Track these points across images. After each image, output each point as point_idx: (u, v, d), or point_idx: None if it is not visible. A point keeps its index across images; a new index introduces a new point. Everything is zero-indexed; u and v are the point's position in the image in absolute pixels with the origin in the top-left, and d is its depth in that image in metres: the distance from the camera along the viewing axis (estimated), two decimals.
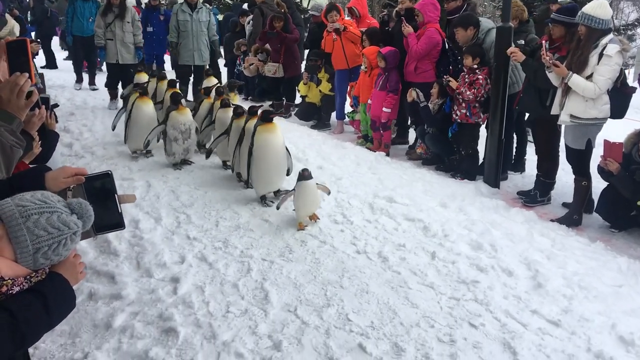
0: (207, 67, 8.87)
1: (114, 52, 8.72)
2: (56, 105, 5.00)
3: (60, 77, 11.61)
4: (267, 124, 4.68)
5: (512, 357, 2.82)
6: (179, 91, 6.85)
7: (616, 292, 3.50)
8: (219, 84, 7.08)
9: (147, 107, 6.15)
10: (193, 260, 3.81)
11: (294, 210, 4.40)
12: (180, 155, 5.78)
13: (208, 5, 10.02)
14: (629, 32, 19.25)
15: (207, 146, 5.88)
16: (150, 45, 9.99)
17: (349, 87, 7.83)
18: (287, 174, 4.98)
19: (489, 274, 3.65)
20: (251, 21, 10.13)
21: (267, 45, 9.09)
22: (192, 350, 2.87)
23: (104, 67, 11.46)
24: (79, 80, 10.89)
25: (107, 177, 1.78)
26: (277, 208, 4.48)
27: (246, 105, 5.46)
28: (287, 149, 4.88)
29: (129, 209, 4.62)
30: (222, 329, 3.03)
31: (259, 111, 4.93)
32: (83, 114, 8.44)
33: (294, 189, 4.31)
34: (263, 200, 4.80)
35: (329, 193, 4.56)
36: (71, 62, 11.69)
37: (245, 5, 11.94)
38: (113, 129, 6.81)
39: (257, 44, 9.26)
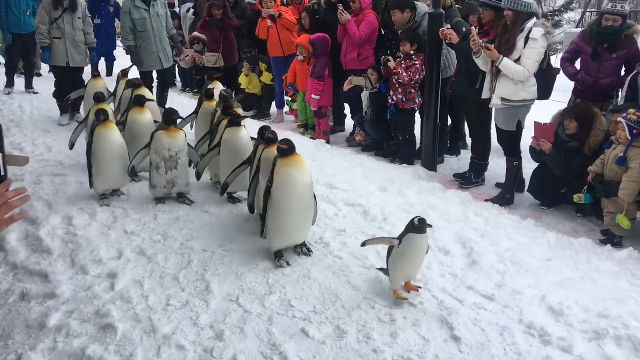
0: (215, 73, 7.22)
1: (62, 53, 7.09)
2: None
3: None
4: (289, 157, 3.52)
5: (450, 332, 2.91)
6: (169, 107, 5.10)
7: (546, 266, 3.68)
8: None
9: (111, 136, 4.54)
10: (131, 254, 3.73)
11: (381, 269, 3.40)
12: (164, 189, 4.51)
13: None
14: (557, 18, 20.02)
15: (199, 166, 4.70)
16: (98, 41, 8.57)
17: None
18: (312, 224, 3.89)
19: (427, 254, 3.74)
20: (191, 9, 9.90)
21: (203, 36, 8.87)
22: (132, 345, 2.81)
23: (42, 71, 10.66)
24: (10, 84, 9.32)
25: None
26: (363, 245, 3.34)
27: (187, 100, 4.93)
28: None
29: (61, 207, 4.46)
30: (162, 322, 2.99)
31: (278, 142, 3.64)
32: (10, 110, 8.08)
33: (398, 240, 3.17)
34: (278, 257, 3.62)
35: None
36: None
37: None
38: (71, 148, 5.44)
39: (197, 33, 8.98)
